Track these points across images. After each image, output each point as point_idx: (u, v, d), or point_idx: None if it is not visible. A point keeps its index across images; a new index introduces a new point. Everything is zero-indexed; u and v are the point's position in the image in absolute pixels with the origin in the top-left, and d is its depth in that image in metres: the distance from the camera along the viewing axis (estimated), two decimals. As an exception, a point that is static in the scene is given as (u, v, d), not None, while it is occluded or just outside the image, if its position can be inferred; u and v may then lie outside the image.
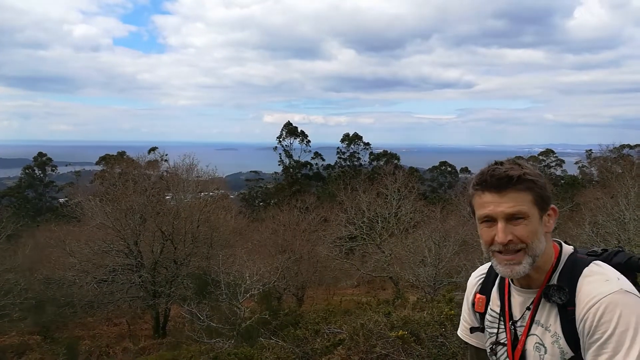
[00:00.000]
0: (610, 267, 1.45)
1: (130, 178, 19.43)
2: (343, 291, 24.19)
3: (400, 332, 6.25)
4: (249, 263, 13.53)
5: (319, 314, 11.06)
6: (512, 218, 1.41)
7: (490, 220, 1.43)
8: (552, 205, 1.50)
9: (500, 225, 1.41)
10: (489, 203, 1.43)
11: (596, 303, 1.33)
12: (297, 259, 19.24)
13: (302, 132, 50.31)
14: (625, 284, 1.37)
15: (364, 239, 22.09)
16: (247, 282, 12.00)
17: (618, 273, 1.42)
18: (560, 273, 1.47)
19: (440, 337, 6.09)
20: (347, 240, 22.56)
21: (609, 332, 1.29)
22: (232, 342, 10.10)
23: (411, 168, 45.30)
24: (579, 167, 47.79)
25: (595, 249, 1.58)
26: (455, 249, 16.12)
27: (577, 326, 1.37)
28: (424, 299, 13.64)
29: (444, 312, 6.95)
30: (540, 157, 47.38)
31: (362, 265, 21.15)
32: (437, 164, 50.52)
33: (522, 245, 1.41)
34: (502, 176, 1.41)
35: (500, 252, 1.43)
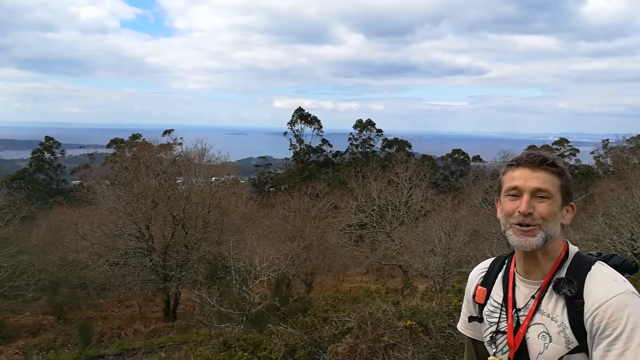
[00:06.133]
0: (611, 268, 1.56)
1: (142, 162, 19.52)
2: (352, 278, 24.27)
3: (409, 322, 6.26)
4: (259, 249, 13.58)
5: (327, 301, 11.11)
6: (537, 195, 1.51)
7: (516, 193, 1.54)
8: (572, 203, 1.60)
9: (525, 197, 1.51)
10: (519, 177, 1.54)
11: (606, 301, 1.43)
12: (306, 246, 19.28)
13: (315, 117, 50.17)
14: (630, 285, 1.48)
15: (373, 227, 22.07)
16: (257, 268, 12.07)
17: (620, 275, 1.53)
18: (568, 267, 1.56)
19: (448, 328, 6.07)
20: (357, 227, 22.55)
21: (619, 330, 1.39)
22: (242, 327, 10.20)
23: (424, 156, 44.98)
24: (594, 157, 47.11)
25: (592, 252, 1.67)
26: (466, 238, 16.04)
27: (585, 319, 1.47)
28: (433, 289, 13.64)
29: (453, 303, 6.93)
30: (555, 147, 46.73)
31: (372, 253, 21.17)
32: (449, 151, 50.12)
33: (540, 221, 1.51)
34: (537, 155, 1.55)
35: (518, 224, 1.52)
